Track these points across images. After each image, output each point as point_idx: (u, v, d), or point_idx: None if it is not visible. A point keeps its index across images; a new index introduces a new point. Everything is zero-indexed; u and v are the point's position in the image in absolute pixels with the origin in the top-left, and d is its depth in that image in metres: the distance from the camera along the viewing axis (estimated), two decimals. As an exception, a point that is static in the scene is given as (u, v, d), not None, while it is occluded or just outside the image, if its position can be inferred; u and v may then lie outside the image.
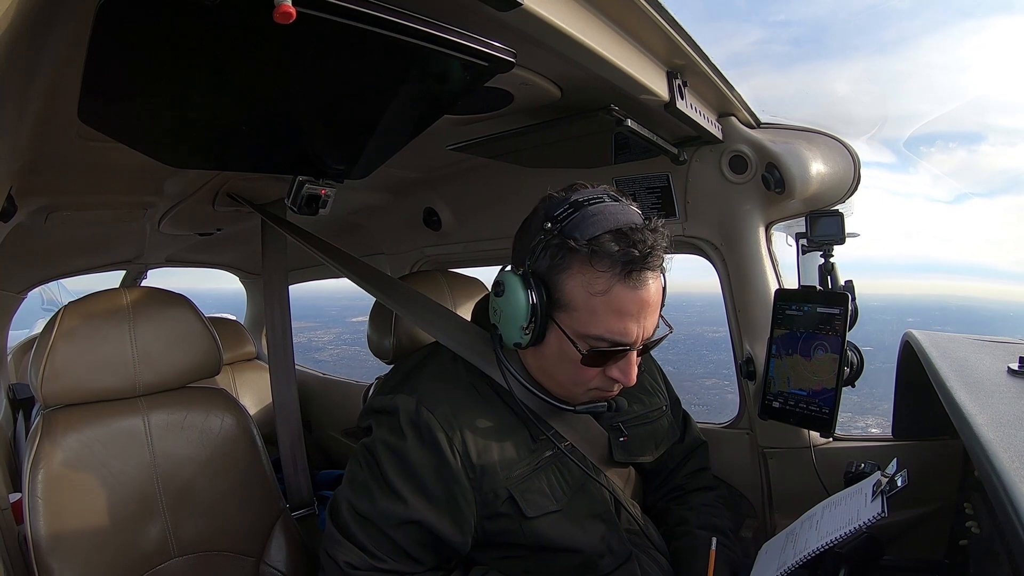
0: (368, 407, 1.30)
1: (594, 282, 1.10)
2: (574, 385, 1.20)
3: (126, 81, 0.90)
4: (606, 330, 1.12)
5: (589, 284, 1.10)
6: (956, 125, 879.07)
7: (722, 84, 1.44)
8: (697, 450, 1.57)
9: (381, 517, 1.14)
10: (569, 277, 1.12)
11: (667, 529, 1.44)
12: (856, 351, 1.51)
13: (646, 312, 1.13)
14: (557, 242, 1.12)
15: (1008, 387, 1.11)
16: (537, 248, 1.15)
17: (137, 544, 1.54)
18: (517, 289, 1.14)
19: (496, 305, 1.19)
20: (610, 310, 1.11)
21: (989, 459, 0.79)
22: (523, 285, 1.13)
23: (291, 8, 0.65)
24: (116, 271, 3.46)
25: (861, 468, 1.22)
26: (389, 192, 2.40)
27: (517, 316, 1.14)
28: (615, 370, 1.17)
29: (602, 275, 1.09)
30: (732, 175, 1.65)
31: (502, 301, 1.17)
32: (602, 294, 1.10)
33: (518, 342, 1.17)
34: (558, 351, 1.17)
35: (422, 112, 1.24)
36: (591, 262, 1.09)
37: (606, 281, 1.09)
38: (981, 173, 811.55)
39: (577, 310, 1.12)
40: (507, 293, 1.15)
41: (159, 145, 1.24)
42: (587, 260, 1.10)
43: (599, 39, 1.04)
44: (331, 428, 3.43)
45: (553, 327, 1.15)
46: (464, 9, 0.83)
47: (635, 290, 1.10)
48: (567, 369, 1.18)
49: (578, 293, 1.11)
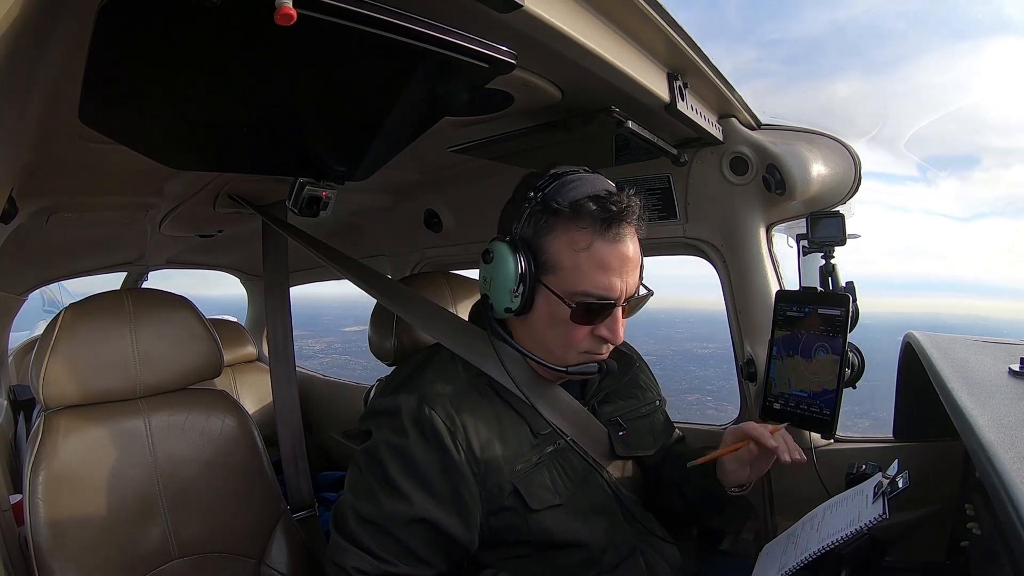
0: (369, 409, 1.30)
1: (577, 239, 1.17)
2: (565, 349, 1.23)
3: (127, 83, 0.90)
4: (592, 285, 1.17)
5: (573, 242, 1.17)
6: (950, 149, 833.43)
7: (722, 85, 1.44)
8: (680, 443, 1.57)
9: (387, 519, 1.14)
10: (554, 239, 1.19)
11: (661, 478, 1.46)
12: (857, 352, 1.51)
13: (627, 268, 1.20)
14: (540, 208, 1.20)
15: (1009, 388, 1.11)
16: (523, 216, 1.22)
17: (138, 545, 1.54)
18: (505, 255, 1.20)
19: (486, 273, 1.24)
20: (594, 265, 1.17)
21: (990, 460, 0.79)
22: (511, 250, 1.19)
23: (292, 10, 0.65)
24: (117, 273, 3.47)
25: (862, 469, 1.22)
26: (390, 194, 2.40)
27: (507, 280, 1.19)
28: (603, 328, 1.22)
29: (584, 231, 1.16)
30: (733, 176, 1.65)
31: (491, 268, 1.22)
32: (585, 249, 1.17)
33: (508, 307, 1.21)
34: (547, 315, 1.22)
35: (423, 114, 1.24)
36: (574, 221, 1.17)
37: (588, 237, 1.16)
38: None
39: (563, 269, 1.18)
40: (496, 260, 1.21)
41: (160, 146, 1.24)
42: (570, 220, 1.17)
43: (600, 40, 1.05)
44: (332, 430, 3.43)
45: (541, 291, 1.21)
46: (465, 11, 0.83)
47: (615, 244, 1.17)
48: (557, 333, 1.22)
49: (563, 252, 1.18)
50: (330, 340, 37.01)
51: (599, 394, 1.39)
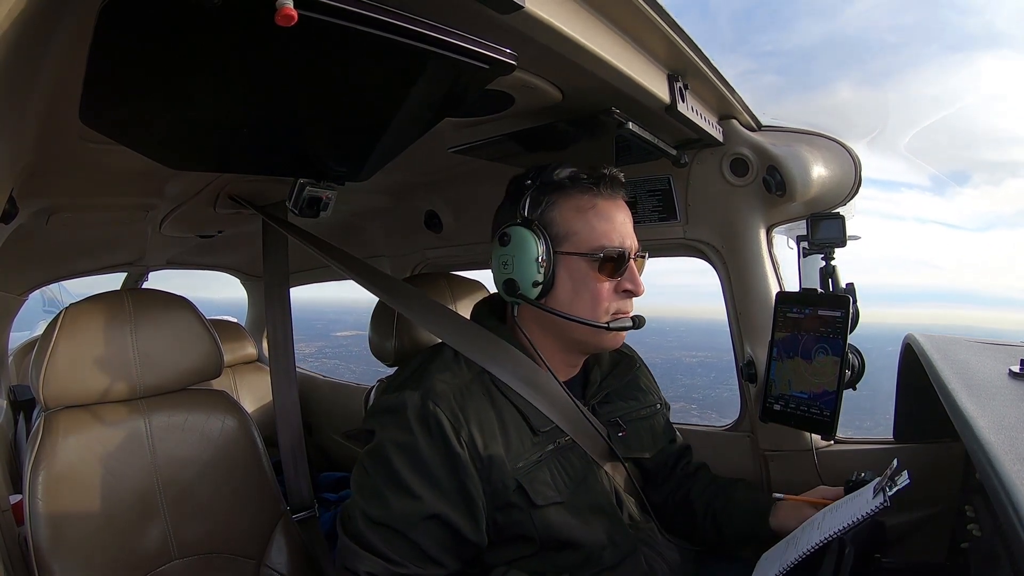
0: (373, 408, 1.30)
1: (582, 203, 1.27)
2: (595, 309, 1.27)
3: (128, 83, 0.91)
4: (607, 239, 1.26)
5: (578, 206, 1.27)
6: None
7: (723, 87, 1.45)
8: (686, 451, 1.59)
9: (397, 519, 1.14)
10: (561, 209, 1.27)
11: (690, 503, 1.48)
12: (857, 354, 1.51)
13: (628, 226, 1.30)
14: (540, 188, 1.28)
15: (1009, 390, 1.11)
16: (524, 203, 1.28)
17: (137, 546, 1.54)
18: (523, 232, 1.26)
19: (504, 255, 1.28)
20: (603, 220, 1.27)
21: (990, 462, 0.79)
22: (526, 227, 1.26)
23: (293, 11, 0.65)
24: (117, 273, 3.47)
25: (862, 477, 1.22)
26: (390, 195, 2.40)
27: (530, 253, 1.25)
28: (626, 282, 1.28)
29: (586, 195, 1.27)
30: (733, 178, 1.65)
31: (511, 248, 1.27)
32: (591, 208, 1.27)
33: (536, 280, 1.26)
34: (571, 284, 1.27)
35: (424, 115, 1.25)
36: (575, 188, 1.27)
37: (591, 198, 1.27)
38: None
39: (576, 233, 1.26)
40: (515, 239, 1.26)
41: (160, 147, 1.25)
42: (571, 188, 1.27)
43: (600, 42, 1.05)
44: (332, 430, 3.43)
45: (561, 263, 1.27)
46: (465, 12, 0.83)
47: (614, 200, 1.29)
48: (584, 297, 1.27)
49: (572, 218, 1.27)
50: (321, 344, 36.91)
51: (599, 394, 1.40)
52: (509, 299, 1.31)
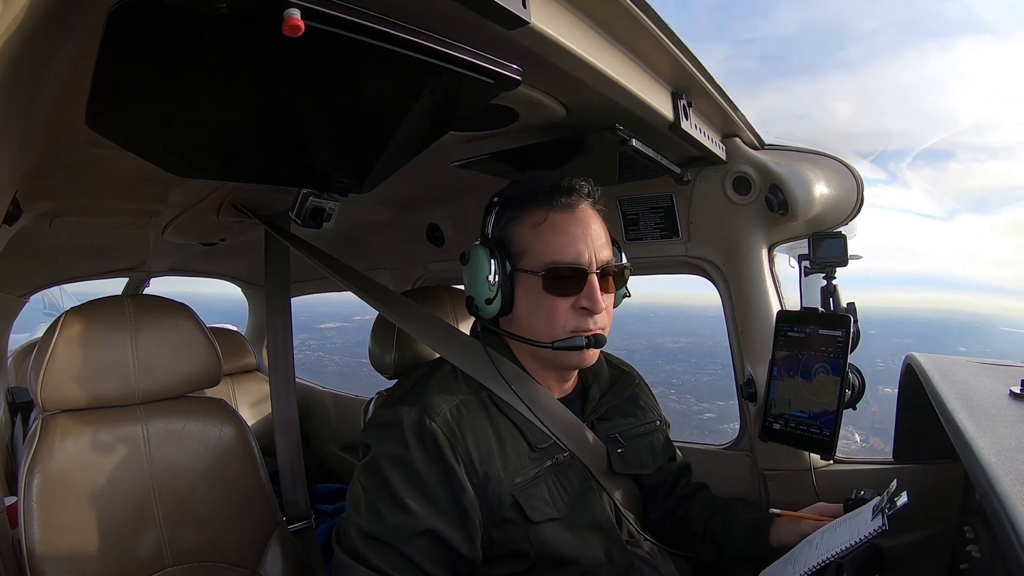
0: (370, 422, 1.30)
1: (535, 218, 1.26)
2: (551, 327, 1.26)
3: (134, 90, 0.91)
4: (558, 253, 1.23)
5: (532, 222, 1.26)
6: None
7: (727, 105, 1.45)
8: (686, 470, 1.58)
9: (391, 534, 1.13)
10: (517, 226, 1.28)
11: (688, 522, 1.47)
12: (857, 373, 1.51)
13: (590, 235, 1.26)
14: (502, 205, 1.31)
15: (1010, 411, 1.10)
16: (490, 220, 1.32)
17: (131, 552, 1.53)
18: (478, 251, 1.28)
19: (465, 276, 1.31)
20: (555, 234, 1.24)
21: (990, 483, 0.78)
22: (483, 247, 1.28)
23: (300, 21, 0.66)
24: (119, 278, 3.47)
25: (861, 495, 1.21)
26: (393, 207, 2.40)
27: (482, 272, 1.26)
28: (583, 299, 1.24)
29: (540, 210, 1.26)
30: (735, 196, 1.65)
31: (468, 268, 1.29)
32: (544, 223, 1.25)
33: (488, 297, 1.26)
34: (527, 300, 1.27)
35: (428, 128, 1.26)
36: (531, 204, 1.27)
37: (544, 212, 1.25)
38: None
39: (531, 249, 1.26)
40: (471, 259, 1.29)
41: (165, 154, 1.25)
42: (527, 205, 1.27)
43: (605, 59, 1.05)
44: (330, 442, 3.42)
45: (519, 280, 1.27)
46: (471, 27, 0.84)
47: (570, 211, 1.26)
48: (540, 313, 1.26)
49: (526, 233, 1.26)
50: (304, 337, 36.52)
51: (598, 411, 1.40)
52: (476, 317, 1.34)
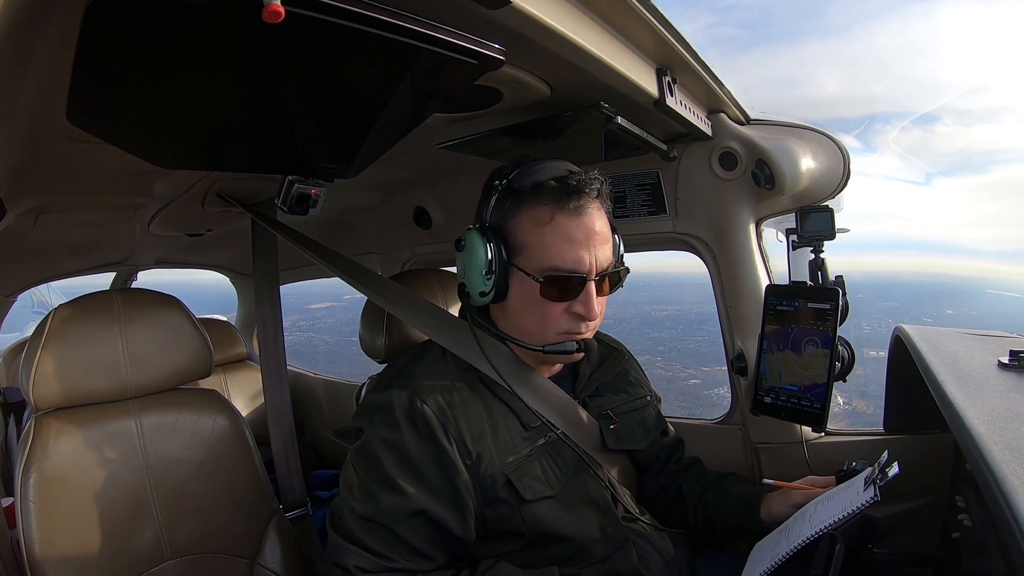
0: (362, 406, 1.30)
1: (540, 215, 1.20)
2: (542, 329, 1.24)
3: (115, 82, 0.90)
4: (559, 259, 1.19)
5: (536, 219, 1.20)
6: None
7: (711, 81, 1.44)
8: (679, 445, 1.60)
9: (385, 515, 1.14)
10: (519, 219, 1.22)
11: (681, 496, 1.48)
12: (847, 346, 1.52)
13: (594, 240, 1.21)
14: (505, 193, 1.25)
15: (998, 381, 1.11)
16: (490, 204, 1.26)
17: (130, 547, 1.53)
18: (475, 240, 1.24)
19: (459, 262, 1.29)
20: (559, 238, 1.19)
21: (981, 452, 0.79)
22: (480, 235, 1.23)
23: (280, 7, 0.65)
24: (106, 273, 3.44)
25: (853, 467, 1.23)
26: (379, 191, 2.39)
27: (478, 264, 1.23)
28: (578, 305, 1.22)
29: (545, 208, 1.19)
30: (722, 171, 1.65)
31: (464, 255, 1.27)
32: (548, 223, 1.19)
33: (483, 290, 1.24)
34: (522, 297, 1.24)
35: (412, 111, 1.24)
36: (536, 199, 1.20)
37: (550, 211, 1.19)
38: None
39: (531, 247, 1.21)
40: (467, 246, 1.26)
41: (148, 146, 1.24)
42: (532, 198, 1.21)
43: (588, 37, 1.04)
44: (323, 428, 3.42)
45: (514, 274, 1.24)
46: (454, 7, 0.83)
47: (577, 216, 1.20)
48: (533, 313, 1.24)
49: (528, 230, 1.21)
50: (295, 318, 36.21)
51: (589, 388, 1.40)
52: (464, 302, 1.32)
